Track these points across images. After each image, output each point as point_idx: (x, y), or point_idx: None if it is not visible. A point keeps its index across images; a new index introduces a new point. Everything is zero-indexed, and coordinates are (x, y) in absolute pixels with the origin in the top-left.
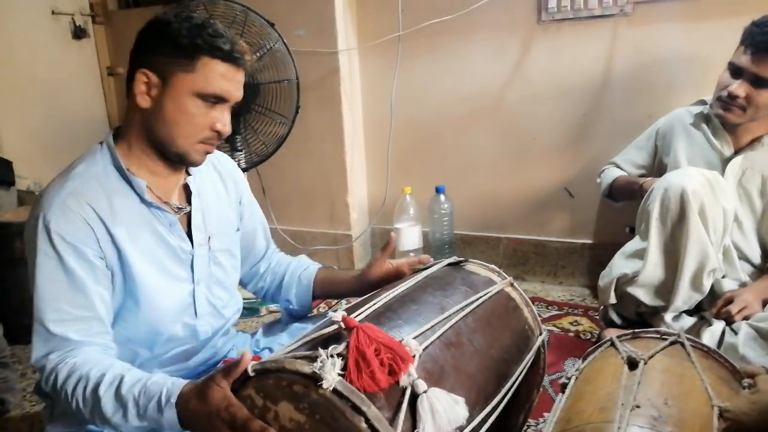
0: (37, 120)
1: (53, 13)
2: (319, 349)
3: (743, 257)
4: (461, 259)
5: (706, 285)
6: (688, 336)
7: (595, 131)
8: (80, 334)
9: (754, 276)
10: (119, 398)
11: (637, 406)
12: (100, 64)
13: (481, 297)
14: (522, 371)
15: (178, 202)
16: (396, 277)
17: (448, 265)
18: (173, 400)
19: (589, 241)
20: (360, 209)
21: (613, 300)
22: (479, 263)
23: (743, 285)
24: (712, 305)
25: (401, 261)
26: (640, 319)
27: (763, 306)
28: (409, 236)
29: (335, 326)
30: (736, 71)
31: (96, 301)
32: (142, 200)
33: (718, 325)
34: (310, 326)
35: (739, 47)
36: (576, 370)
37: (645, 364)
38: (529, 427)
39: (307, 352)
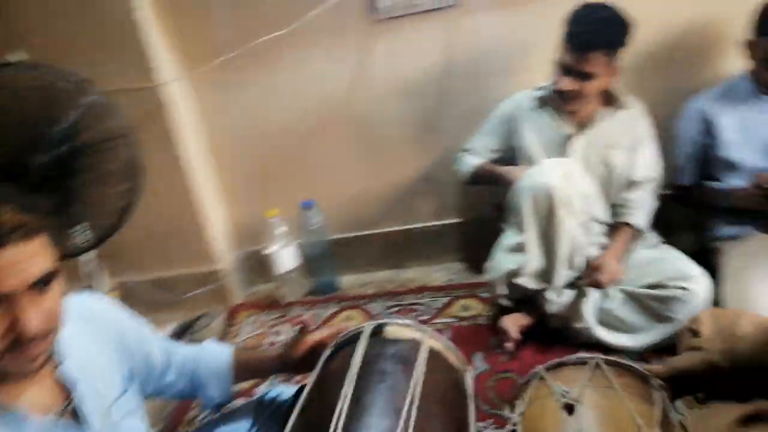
0: None
1: None
2: None
3: (594, 219)
4: (380, 322)
5: (579, 262)
6: (604, 357)
7: (445, 120)
8: None
9: (607, 232)
10: None
11: None
12: None
13: (419, 375)
14: (473, 418)
15: (57, 403)
16: (320, 347)
17: (370, 335)
18: None
19: (457, 220)
20: (224, 241)
21: (505, 292)
22: (395, 323)
23: (604, 247)
24: (584, 274)
25: (322, 333)
26: (527, 298)
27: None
28: (284, 258)
29: None
30: (563, 68)
31: None
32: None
33: (594, 295)
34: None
35: (562, 44)
36: (518, 415)
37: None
38: None
39: None
